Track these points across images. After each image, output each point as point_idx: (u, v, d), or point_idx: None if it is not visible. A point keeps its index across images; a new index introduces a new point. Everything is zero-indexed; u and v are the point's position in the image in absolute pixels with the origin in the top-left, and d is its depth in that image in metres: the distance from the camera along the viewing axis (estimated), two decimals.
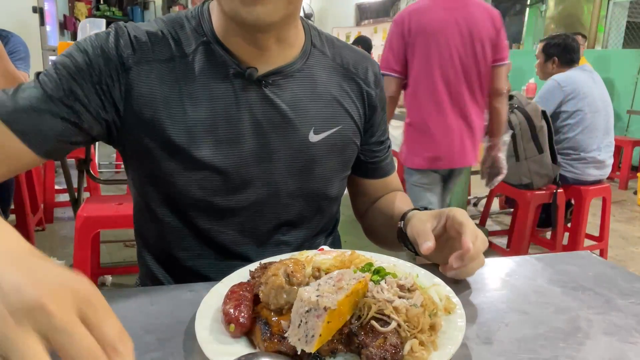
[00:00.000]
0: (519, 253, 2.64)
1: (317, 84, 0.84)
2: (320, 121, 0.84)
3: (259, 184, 0.81)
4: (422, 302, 0.56)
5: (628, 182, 5.06)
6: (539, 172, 2.61)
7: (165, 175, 0.77)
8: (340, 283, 0.53)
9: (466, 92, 2.07)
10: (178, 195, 0.79)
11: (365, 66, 0.91)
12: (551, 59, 2.92)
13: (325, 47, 0.88)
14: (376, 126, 0.94)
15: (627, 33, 7.03)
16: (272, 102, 0.79)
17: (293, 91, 0.81)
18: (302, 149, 0.83)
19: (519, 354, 0.56)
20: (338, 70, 0.88)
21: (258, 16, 0.69)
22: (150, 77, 0.75)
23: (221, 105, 0.77)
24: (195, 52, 0.77)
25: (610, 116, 2.84)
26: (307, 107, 0.82)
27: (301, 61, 0.83)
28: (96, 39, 0.74)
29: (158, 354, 0.54)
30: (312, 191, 0.86)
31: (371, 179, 0.99)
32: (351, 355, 0.52)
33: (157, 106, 0.75)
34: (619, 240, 3.54)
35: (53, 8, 5.97)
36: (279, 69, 0.80)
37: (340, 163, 0.89)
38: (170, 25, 0.79)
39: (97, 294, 0.36)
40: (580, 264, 0.82)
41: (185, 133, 0.76)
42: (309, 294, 0.50)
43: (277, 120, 0.80)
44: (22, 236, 0.42)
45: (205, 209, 0.80)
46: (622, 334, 0.60)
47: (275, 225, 0.85)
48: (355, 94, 0.89)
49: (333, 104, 0.85)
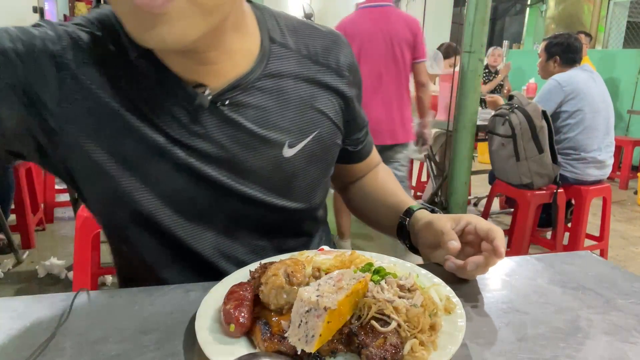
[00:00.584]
0: (519, 253, 2.64)
1: (284, 90, 0.73)
2: (294, 132, 0.74)
3: (233, 204, 0.73)
4: (422, 302, 0.56)
5: (628, 182, 5.06)
6: (539, 172, 2.61)
7: (125, 194, 0.67)
8: (340, 283, 0.52)
9: (391, 86, 2.62)
10: (146, 214, 0.69)
11: (337, 52, 0.80)
12: (553, 58, 2.92)
13: (287, 39, 0.76)
14: (357, 113, 0.86)
15: (627, 33, 7.03)
16: (235, 122, 0.69)
17: (257, 106, 0.71)
18: (277, 166, 0.74)
19: (519, 354, 0.56)
20: (306, 64, 0.76)
21: (164, 39, 0.54)
22: (94, 81, 0.64)
23: (176, 129, 0.67)
24: (137, 63, 0.65)
25: (611, 116, 2.84)
26: (277, 121, 0.73)
27: (260, 67, 0.71)
28: (25, 30, 0.61)
29: (158, 354, 0.54)
30: (296, 205, 0.79)
31: (355, 164, 0.94)
32: (351, 355, 0.52)
33: (104, 116, 0.64)
34: (619, 240, 3.54)
35: (53, 8, 5.97)
36: (234, 84, 0.68)
37: (322, 170, 0.81)
38: (103, 30, 0.66)
39: None
40: (580, 264, 0.82)
41: (138, 151, 0.66)
42: (309, 294, 0.50)
43: (244, 141, 0.70)
44: (23, 235, 0.42)
45: (178, 228, 0.72)
46: (623, 334, 0.60)
47: (250, 237, 0.78)
48: (329, 87, 0.79)
49: (306, 109, 0.75)
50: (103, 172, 0.66)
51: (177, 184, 0.69)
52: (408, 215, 0.84)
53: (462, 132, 2.78)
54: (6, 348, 0.55)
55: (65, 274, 2.65)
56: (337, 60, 0.80)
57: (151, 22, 0.53)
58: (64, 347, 0.55)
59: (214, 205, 0.72)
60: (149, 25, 0.53)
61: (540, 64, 3.03)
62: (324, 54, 0.79)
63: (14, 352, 0.54)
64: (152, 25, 0.53)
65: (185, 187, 0.69)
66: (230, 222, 0.75)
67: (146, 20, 0.53)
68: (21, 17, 5.03)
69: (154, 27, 0.53)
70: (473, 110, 2.77)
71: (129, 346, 0.55)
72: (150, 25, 0.53)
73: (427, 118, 2.87)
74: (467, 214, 0.75)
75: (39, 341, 0.55)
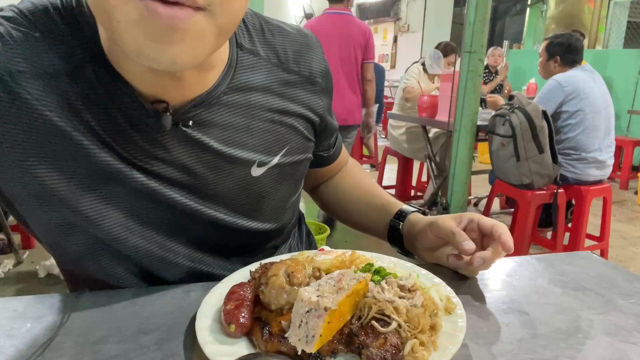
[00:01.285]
0: (520, 253, 2.64)
1: (252, 104, 0.67)
2: (263, 150, 0.69)
3: (199, 229, 0.69)
4: (422, 303, 0.55)
5: (629, 182, 5.06)
6: (540, 172, 2.60)
7: (79, 220, 0.61)
8: (340, 283, 0.52)
9: (344, 81, 3.15)
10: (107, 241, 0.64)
11: (309, 57, 0.74)
12: (553, 58, 2.92)
13: (256, 44, 0.69)
14: (329, 118, 0.82)
15: (627, 33, 7.03)
16: (200, 143, 0.63)
17: (223, 124, 0.64)
18: (245, 187, 0.69)
19: (520, 354, 0.56)
20: (276, 74, 0.70)
21: (174, 60, 0.46)
22: (32, 94, 0.54)
23: (133, 152, 0.59)
24: (86, 70, 0.55)
25: (611, 116, 2.84)
26: (245, 139, 0.67)
27: (226, 79, 0.64)
28: None
29: (158, 354, 0.54)
30: (262, 228, 0.75)
31: (326, 166, 0.92)
32: (351, 355, 0.52)
33: (47, 135, 0.55)
34: (619, 241, 3.54)
35: None
36: (199, 100, 0.61)
37: (292, 187, 0.78)
38: (45, 24, 0.55)
39: None
40: (580, 264, 0.82)
41: (90, 174, 0.59)
42: (309, 294, 0.50)
43: (210, 161, 0.65)
44: (23, 235, 0.41)
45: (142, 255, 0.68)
46: (623, 334, 0.60)
47: (219, 259, 0.75)
48: (301, 99, 0.73)
49: (276, 124, 0.70)
50: (51, 197, 0.58)
51: (136, 209, 0.63)
52: (401, 219, 0.82)
53: (462, 132, 2.78)
54: (6, 348, 0.55)
55: None
56: (309, 67, 0.74)
57: (166, 37, 0.45)
58: (64, 347, 0.55)
59: (179, 230, 0.68)
60: (162, 40, 0.45)
61: (540, 64, 3.02)
62: (295, 60, 0.72)
63: (14, 352, 0.54)
64: (166, 41, 0.45)
65: (146, 212, 0.64)
66: (197, 247, 0.71)
67: (160, 33, 0.44)
68: None
69: (168, 43, 0.45)
70: (473, 111, 2.76)
71: (129, 346, 0.55)
72: (164, 40, 0.45)
73: (371, 108, 3.41)
74: (468, 213, 0.75)
75: (39, 341, 0.55)
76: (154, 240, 0.67)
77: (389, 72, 8.62)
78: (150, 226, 0.65)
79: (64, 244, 0.65)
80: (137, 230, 0.65)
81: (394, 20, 9.45)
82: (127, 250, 0.66)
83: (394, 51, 9.62)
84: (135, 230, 0.64)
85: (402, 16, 9.23)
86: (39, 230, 0.65)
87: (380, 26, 9.81)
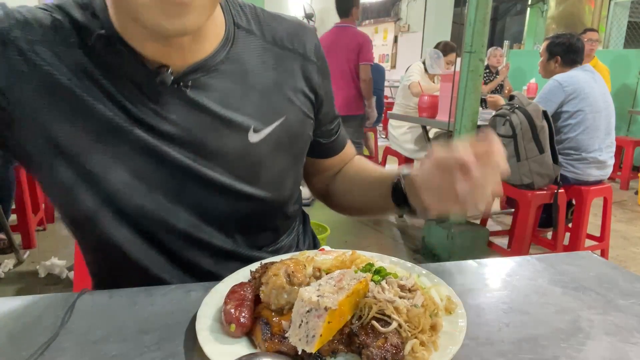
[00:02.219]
0: (520, 253, 2.64)
1: (249, 74, 0.72)
2: (259, 117, 0.73)
3: (199, 191, 0.71)
4: (423, 303, 0.56)
5: (629, 183, 5.05)
6: (540, 172, 2.60)
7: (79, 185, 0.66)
8: (341, 283, 0.52)
9: (342, 81, 3.80)
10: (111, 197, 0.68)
11: (303, 37, 0.79)
12: (554, 58, 2.91)
13: (252, 25, 0.76)
14: (327, 102, 0.84)
15: (628, 33, 7.03)
16: (198, 105, 0.68)
17: (220, 88, 0.70)
18: (243, 152, 0.72)
19: (520, 354, 0.56)
20: (271, 50, 0.76)
21: (184, 27, 0.59)
22: (46, 60, 0.63)
23: (137, 108, 0.66)
24: (93, 47, 0.65)
25: (612, 116, 2.84)
26: (241, 104, 0.72)
27: (224, 50, 0.71)
28: None
29: (158, 354, 0.54)
30: (263, 196, 0.76)
31: (329, 158, 0.92)
32: (352, 355, 0.52)
33: (58, 95, 0.64)
34: (620, 241, 3.53)
35: None
36: (197, 65, 0.68)
37: (290, 159, 0.79)
38: (62, 13, 0.66)
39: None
40: (581, 264, 0.82)
41: (98, 130, 0.65)
42: (309, 294, 0.50)
43: (207, 124, 0.69)
44: (24, 235, 0.42)
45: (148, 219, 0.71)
46: (624, 334, 0.60)
47: (218, 233, 0.76)
48: (296, 73, 0.78)
49: (271, 94, 0.74)
50: (61, 154, 0.65)
51: (140, 168, 0.67)
52: (401, 177, 0.77)
53: (462, 132, 2.78)
54: (7, 348, 0.55)
55: (66, 274, 2.65)
56: (303, 45, 0.79)
57: (176, 12, 0.57)
58: (64, 347, 0.55)
59: (180, 193, 0.71)
60: (174, 15, 0.57)
61: (541, 64, 3.02)
62: (289, 39, 0.78)
63: (14, 352, 0.54)
64: (177, 15, 0.57)
65: (149, 170, 0.68)
66: (197, 214, 0.73)
67: (171, 10, 0.57)
68: None
69: (178, 16, 0.57)
70: (474, 111, 2.77)
71: (130, 346, 0.55)
72: (175, 14, 0.57)
73: (370, 101, 3.97)
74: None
75: (40, 341, 0.55)
76: (156, 201, 0.70)
77: (389, 72, 8.61)
78: (153, 187, 0.69)
79: (72, 202, 0.69)
80: (141, 189, 0.68)
81: (394, 21, 9.45)
82: (131, 210, 0.69)
83: (394, 51, 9.62)
84: (138, 190, 0.68)
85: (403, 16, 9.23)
86: (51, 189, 0.71)
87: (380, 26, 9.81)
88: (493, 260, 0.83)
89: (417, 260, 0.74)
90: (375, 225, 3.67)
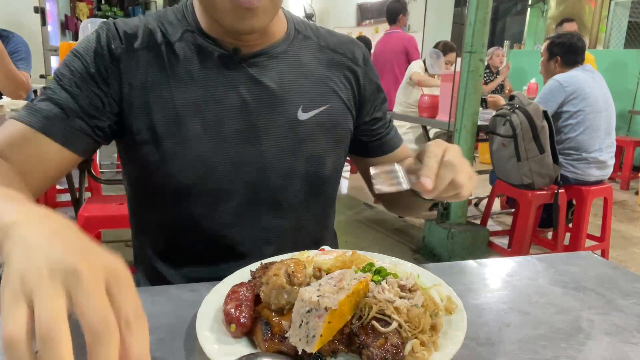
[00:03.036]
0: (520, 253, 2.64)
1: (302, 65, 0.86)
2: (308, 99, 0.85)
3: (250, 165, 0.82)
4: (423, 303, 0.55)
5: (630, 183, 5.05)
6: (540, 172, 2.60)
7: (157, 161, 0.79)
8: (341, 283, 0.52)
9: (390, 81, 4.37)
10: (171, 181, 0.79)
11: (352, 48, 0.92)
12: (554, 57, 2.91)
13: (309, 32, 0.90)
14: (370, 104, 0.94)
15: (628, 33, 7.02)
16: (258, 80, 0.81)
17: (278, 70, 0.83)
18: (291, 127, 0.83)
19: (520, 354, 0.56)
20: (324, 52, 0.89)
21: (252, 27, 0.74)
22: (140, 63, 0.78)
23: (207, 87, 0.79)
24: (181, 40, 0.80)
25: (612, 116, 2.84)
26: (294, 86, 0.84)
27: (284, 44, 0.85)
28: (87, 40, 0.79)
29: (159, 354, 0.54)
30: (305, 170, 0.86)
31: (378, 157, 0.98)
32: (352, 355, 0.52)
33: (146, 91, 0.78)
34: (620, 241, 3.53)
35: (54, 8, 5.97)
36: (262, 50, 0.82)
37: (331, 142, 0.89)
38: (156, 19, 0.82)
39: (127, 275, 0.39)
40: (581, 265, 0.81)
41: (173, 115, 0.78)
42: (309, 294, 0.50)
43: (265, 99, 0.82)
44: None
45: (199, 195, 0.81)
46: (624, 334, 0.60)
47: (269, 209, 0.85)
48: (343, 74, 0.90)
49: (320, 84, 0.87)
50: (141, 143, 0.78)
51: (204, 144, 0.79)
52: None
53: (462, 132, 2.78)
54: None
55: None
56: (352, 52, 0.92)
57: (248, 15, 0.72)
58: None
59: (238, 167, 0.81)
60: (245, 18, 0.72)
61: (542, 63, 3.02)
62: (340, 46, 0.92)
63: None
64: (248, 17, 0.72)
65: (211, 149, 0.79)
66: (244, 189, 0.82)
67: (243, 14, 0.72)
68: (23, 17, 5.03)
69: (249, 19, 0.72)
70: (474, 111, 2.76)
71: None
72: (246, 17, 0.72)
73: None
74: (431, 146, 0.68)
75: None
76: (213, 178, 0.80)
77: None
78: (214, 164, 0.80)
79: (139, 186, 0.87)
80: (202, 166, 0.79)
81: None
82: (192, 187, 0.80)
83: None
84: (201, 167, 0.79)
85: None
86: (128, 173, 0.88)
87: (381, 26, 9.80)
88: (493, 260, 0.83)
89: (417, 260, 0.75)
90: (375, 225, 3.67)
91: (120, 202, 2.10)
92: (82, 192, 2.80)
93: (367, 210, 4.03)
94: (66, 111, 0.74)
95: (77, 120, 0.75)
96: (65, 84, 0.75)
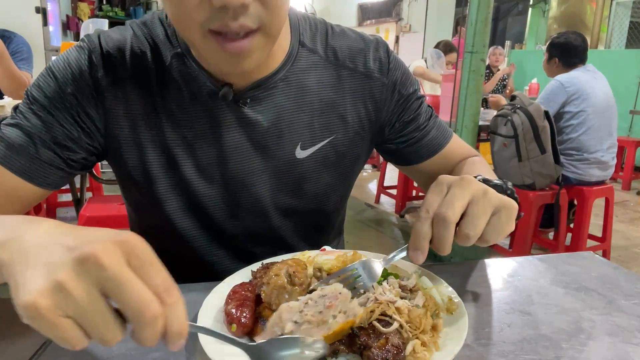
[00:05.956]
0: (522, 253, 2.64)
1: (305, 92, 0.76)
2: (308, 134, 0.77)
3: (247, 210, 0.77)
4: (424, 303, 0.55)
5: (631, 183, 5.04)
6: (542, 173, 2.60)
7: (152, 204, 0.75)
8: (328, 311, 0.51)
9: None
10: (163, 224, 0.76)
11: (365, 54, 0.80)
12: (553, 59, 2.91)
13: (316, 43, 0.78)
14: (394, 113, 0.83)
15: (630, 33, 7.01)
16: (252, 121, 0.73)
17: (275, 105, 0.74)
18: (289, 167, 0.77)
19: (521, 354, 0.55)
20: (332, 69, 0.78)
21: (243, 70, 0.63)
22: (127, 94, 0.70)
23: (198, 126, 0.72)
24: (170, 65, 0.71)
25: (614, 117, 2.83)
26: (293, 121, 0.75)
27: (285, 68, 0.74)
28: (66, 61, 0.69)
29: (160, 354, 0.54)
30: (307, 209, 0.80)
31: (420, 163, 0.87)
32: (353, 355, 0.52)
33: (135, 126, 0.71)
34: (621, 241, 3.53)
35: (56, 8, 5.98)
36: (258, 82, 0.72)
37: (336, 176, 0.82)
38: (145, 32, 0.73)
39: (143, 245, 0.38)
40: (583, 265, 0.81)
41: (166, 156, 0.73)
42: (288, 315, 0.49)
43: (258, 139, 0.74)
44: None
45: (194, 238, 0.78)
46: (625, 335, 0.60)
47: (270, 246, 0.81)
48: (356, 92, 0.79)
49: (325, 112, 0.77)
50: (132, 180, 0.74)
51: (195, 191, 0.74)
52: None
53: (464, 132, 2.78)
54: (7, 348, 0.55)
55: None
56: (365, 62, 0.80)
57: (238, 60, 0.61)
58: (64, 347, 0.55)
59: (234, 210, 0.77)
60: (235, 63, 0.62)
61: (544, 63, 3.02)
62: (351, 58, 0.79)
63: (14, 352, 0.54)
64: (238, 62, 0.62)
65: (204, 193, 0.75)
66: (242, 233, 0.79)
67: (233, 60, 0.61)
68: (24, 18, 5.04)
69: (239, 63, 0.62)
70: (475, 111, 2.76)
71: (130, 346, 0.55)
72: (236, 62, 0.62)
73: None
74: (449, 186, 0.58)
75: (39, 341, 0.55)
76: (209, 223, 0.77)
77: None
78: (206, 210, 0.76)
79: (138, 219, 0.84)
80: (195, 213, 0.76)
81: (395, 21, 9.43)
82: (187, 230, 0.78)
83: (395, 51, 9.63)
84: (195, 213, 0.76)
85: (404, 16, 9.21)
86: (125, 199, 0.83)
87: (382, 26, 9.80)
88: (494, 261, 0.83)
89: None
90: (375, 225, 3.67)
91: (122, 202, 2.10)
92: (84, 192, 2.81)
93: (368, 210, 4.03)
94: (34, 140, 0.66)
95: (46, 152, 0.67)
96: (36, 109, 0.67)
